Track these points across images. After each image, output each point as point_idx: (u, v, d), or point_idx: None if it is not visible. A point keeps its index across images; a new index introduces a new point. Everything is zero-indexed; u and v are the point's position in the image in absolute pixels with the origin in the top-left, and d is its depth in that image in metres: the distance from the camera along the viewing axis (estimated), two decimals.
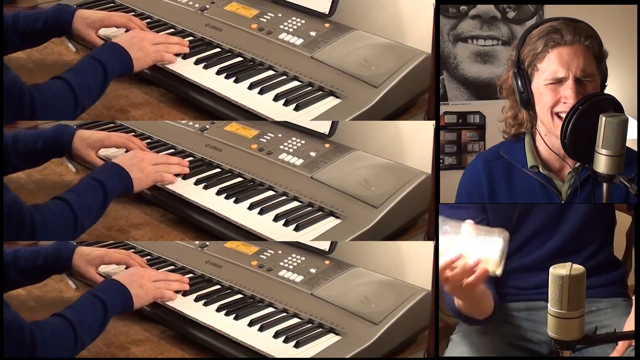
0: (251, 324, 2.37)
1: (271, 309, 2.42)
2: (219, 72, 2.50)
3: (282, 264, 2.50)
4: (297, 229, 2.38)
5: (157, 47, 2.48)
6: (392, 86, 2.43)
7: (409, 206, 2.42)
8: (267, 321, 2.38)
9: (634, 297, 2.33)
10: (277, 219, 2.40)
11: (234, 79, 2.48)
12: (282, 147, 2.52)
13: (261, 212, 2.41)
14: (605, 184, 2.19)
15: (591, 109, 2.21)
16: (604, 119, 2.14)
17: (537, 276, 2.34)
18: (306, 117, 2.42)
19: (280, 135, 2.54)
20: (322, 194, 2.43)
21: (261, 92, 2.45)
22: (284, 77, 2.48)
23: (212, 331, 2.38)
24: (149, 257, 2.58)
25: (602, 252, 2.44)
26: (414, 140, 2.45)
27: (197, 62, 2.52)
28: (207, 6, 2.62)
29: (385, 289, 2.41)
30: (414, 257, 2.42)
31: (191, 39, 2.56)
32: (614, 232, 2.48)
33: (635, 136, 3.30)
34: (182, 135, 2.60)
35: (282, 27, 2.54)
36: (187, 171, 2.50)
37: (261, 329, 2.36)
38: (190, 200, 2.45)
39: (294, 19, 2.55)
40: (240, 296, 2.47)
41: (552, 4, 3.47)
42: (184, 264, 2.56)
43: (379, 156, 2.48)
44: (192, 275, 2.53)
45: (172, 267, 2.55)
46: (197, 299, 2.45)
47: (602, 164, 2.16)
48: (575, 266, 1.92)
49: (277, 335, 2.34)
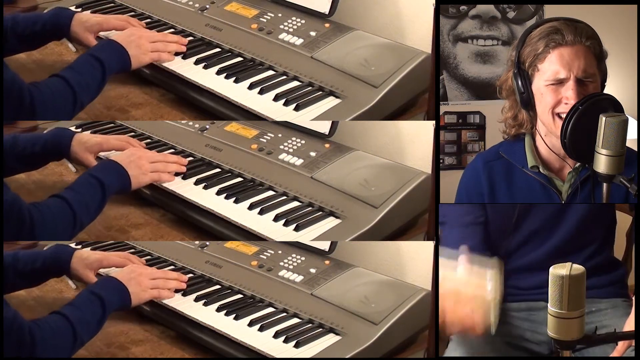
0: (251, 324, 2.37)
1: (271, 309, 2.42)
2: (219, 72, 2.50)
3: (282, 264, 2.50)
4: (297, 229, 2.38)
5: (155, 45, 2.48)
6: (392, 86, 2.43)
7: (409, 206, 2.42)
8: (267, 321, 2.38)
9: (634, 298, 2.33)
10: (277, 219, 2.39)
11: (234, 79, 2.48)
12: (282, 147, 2.52)
13: (261, 212, 2.41)
14: (605, 184, 2.19)
15: (591, 109, 2.20)
16: (604, 119, 2.14)
17: (537, 276, 2.34)
18: (306, 117, 2.42)
19: (280, 135, 2.54)
20: (322, 194, 2.43)
21: (261, 92, 2.45)
22: (284, 77, 2.48)
23: (212, 331, 2.37)
24: (149, 257, 2.58)
25: (602, 253, 2.44)
26: (414, 140, 2.45)
27: (197, 62, 2.52)
28: (207, 6, 2.62)
29: (385, 289, 2.41)
30: (414, 257, 2.41)
31: (191, 39, 2.56)
32: (614, 233, 2.48)
33: (635, 136, 3.30)
34: (182, 135, 2.60)
35: (282, 27, 2.54)
36: (184, 170, 2.50)
37: (261, 329, 2.36)
38: (190, 200, 2.45)
39: (294, 19, 2.55)
40: (240, 296, 2.47)
41: (552, 4, 3.47)
42: (184, 264, 2.56)
43: (379, 156, 2.48)
44: (192, 275, 2.53)
45: (172, 267, 2.55)
46: (197, 299, 2.45)
47: (602, 164, 2.16)
48: (575, 266, 1.92)
49: (277, 335, 2.34)
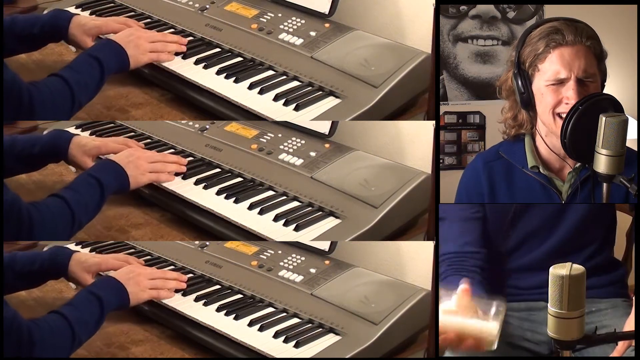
0: (251, 324, 2.37)
1: (271, 309, 2.42)
2: (219, 72, 2.50)
3: (282, 264, 2.50)
4: (297, 229, 2.38)
5: (153, 46, 2.48)
6: (392, 86, 2.42)
7: (409, 206, 2.42)
8: (267, 321, 2.38)
9: (634, 297, 2.33)
10: (277, 219, 2.39)
11: (234, 79, 2.48)
12: (282, 147, 2.52)
13: (261, 212, 2.41)
14: (605, 184, 2.19)
15: (591, 109, 2.20)
16: (604, 119, 2.14)
17: (537, 276, 2.34)
18: (306, 117, 2.42)
19: (280, 135, 2.54)
20: (322, 194, 2.43)
21: (261, 92, 2.45)
22: (284, 77, 2.48)
23: (212, 331, 2.37)
24: (149, 257, 2.58)
25: (602, 253, 2.44)
26: (414, 140, 2.45)
27: (197, 62, 2.52)
28: (207, 6, 2.62)
29: (385, 289, 2.41)
30: (414, 257, 2.41)
31: (191, 39, 2.56)
32: (614, 233, 2.48)
33: (635, 136, 3.30)
34: (182, 135, 2.60)
35: (282, 27, 2.54)
36: (184, 169, 2.50)
37: (261, 329, 2.36)
38: (190, 200, 2.45)
39: (294, 19, 2.55)
40: (240, 296, 2.47)
41: (552, 4, 3.47)
42: (184, 264, 2.56)
43: (379, 156, 2.48)
44: (192, 275, 2.53)
45: (172, 267, 2.55)
46: (197, 299, 2.45)
47: (602, 164, 2.16)
48: (575, 266, 1.92)
49: (277, 335, 2.34)
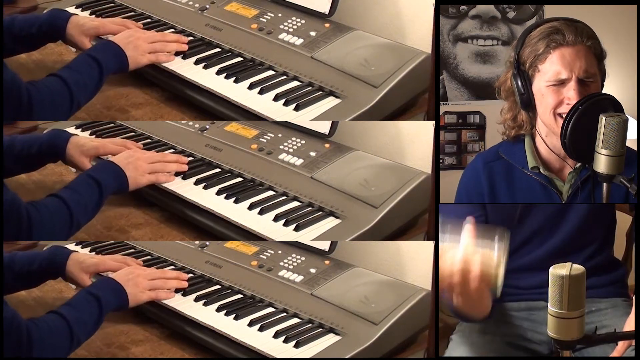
0: (251, 324, 2.37)
1: (271, 309, 2.42)
2: (219, 72, 2.50)
3: (282, 264, 2.50)
4: (297, 229, 2.38)
5: (153, 46, 2.48)
6: (392, 86, 2.43)
7: (409, 206, 2.42)
8: (267, 321, 2.38)
9: (634, 297, 2.33)
10: (277, 219, 2.39)
11: (234, 79, 2.48)
12: (282, 147, 2.52)
13: (261, 212, 2.41)
14: (605, 184, 2.19)
15: (591, 109, 2.20)
16: (604, 119, 2.14)
17: (537, 276, 2.34)
18: (306, 117, 2.42)
19: (280, 135, 2.54)
20: (322, 194, 2.43)
21: (261, 92, 2.45)
22: (284, 77, 2.48)
23: (212, 331, 2.37)
24: (149, 257, 2.58)
25: (603, 252, 2.44)
26: (414, 140, 2.45)
27: (197, 62, 2.52)
28: (207, 6, 2.62)
29: (385, 289, 2.41)
30: (414, 257, 2.41)
31: (191, 39, 2.56)
32: (614, 233, 2.48)
33: (635, 136, 3.30)
34: (182, 135, 2.60)
35: (282, 27, 2.54)
36: (185, 168, 2.49)
37: (261, 329, 2.36)
38: (190, 200, 2.45)
39: (294, 19, 2.55)
40: (240, 296, 2.47)
41: (552, 4, 3.47)
42: (184, 264, 2.56)
43: (379, 156, 2.48)
44: (192, 275, 2.53)
45: (172, 267, 2.55)
46: (197, 299, 2.45)
47: (602, 164, 2.16)
48: (575, 266, 1.92)
49: (277, 335, 2.34)
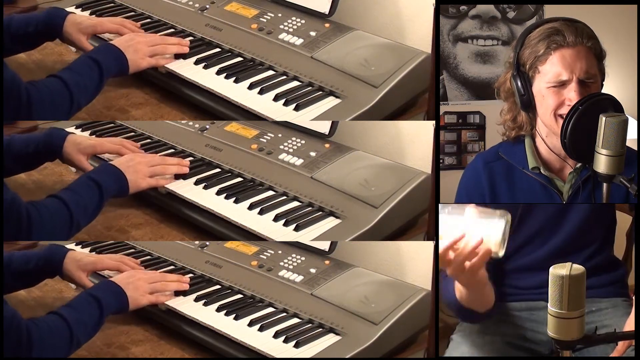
0: (251, 324, 2.37)
1: (271, 309, 2.42)
2: (219, 72, 2.50)
3: (282, 264, 2.50)
4: (297, 229, 2.38)
5: (153, 49, 2.48)
6: (392, 86, 2.43)
7: (409, 206, 2.42)
8: (267, 321, 2.38)
9: (634, 297, 2.33)
10: (277, 219, 2.39)
11: (234, 79, 2.48)
12: (282, 147, 2.52)
13: (261, 212, 2.41)
14: (605, 184, 2.19)
15: (591, 109, 2.20)
16: (604, 119, 2.14)
17: (537, 276, 2.33)
18: (306, 117, 2.42)
19: (280, 135, 2.54)
20: (322, 194, 2.43)
21: (261, 92, 2.45)
22: (284, 77, 2.48)
23: (212, 331, 2.37)
24: (149, 257, 2.58)
25: (603, 252, 2.44)
26: (414, 140, 2.45)
27: (197, 62, 2.52)
28: (207, 6, 2.62)
29: (385, 289, 2.41)
30: (414, 257, 2.41)
31: (191, 39, 2.56)
32: (614, 233, 2.48)
33: (635, 136, 3.29)
34: (182, 135, 2.60)
35: (282, 27, 2.54)
36: (186, 171, 2.49)
37: (261, 329, 2.36)
38: (190, 200, 2.45)
39: (294, 19, 2.55)
40: (240, 296, 2.47)
41: (552, 4, 3.47)
42: (184, 264, 2.56)
43: (379, 156, 2.48)
44: (192, 275, 2.53)
45: (172, 267, 2.55)
46: (197, 299, 2.45)
47: (602, 164, 2.16)
48: (575, 266, 1.92)
49: (277, 335, 2.34)
